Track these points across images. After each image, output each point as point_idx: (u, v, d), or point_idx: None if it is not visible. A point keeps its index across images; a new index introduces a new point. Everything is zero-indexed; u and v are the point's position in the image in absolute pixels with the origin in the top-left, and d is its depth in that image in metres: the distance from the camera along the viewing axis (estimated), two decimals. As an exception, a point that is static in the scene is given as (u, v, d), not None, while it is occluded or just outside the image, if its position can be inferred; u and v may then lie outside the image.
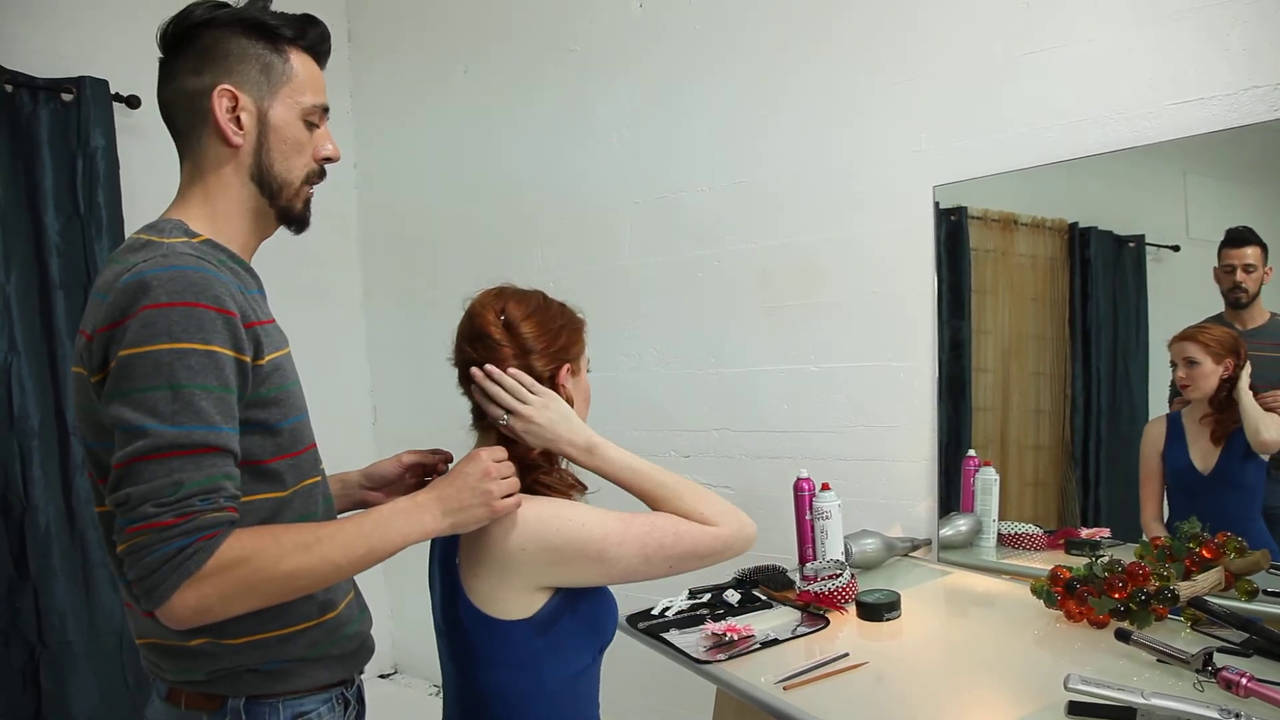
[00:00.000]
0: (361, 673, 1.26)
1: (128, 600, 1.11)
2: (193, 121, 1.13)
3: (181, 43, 1.12)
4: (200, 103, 1.11)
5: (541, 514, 1.13)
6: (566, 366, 1.25)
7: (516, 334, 1.21)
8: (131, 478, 0.93)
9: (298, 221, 1.21)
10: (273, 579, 0.98)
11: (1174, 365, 1.76)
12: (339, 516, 1.18)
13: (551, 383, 1.23)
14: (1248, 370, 1.68)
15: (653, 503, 1.20)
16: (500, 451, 1.14)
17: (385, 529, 1.05)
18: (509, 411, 1.18)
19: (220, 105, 1.10)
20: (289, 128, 1.15)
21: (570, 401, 1.25)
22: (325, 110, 1.20)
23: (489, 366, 1.19)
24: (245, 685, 1.09)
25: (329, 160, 1.21)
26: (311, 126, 1.18)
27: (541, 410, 1.18)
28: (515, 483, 1.12)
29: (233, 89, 1.11)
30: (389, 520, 1.06)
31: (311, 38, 1.18)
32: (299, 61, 1.16)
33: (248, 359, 1.03)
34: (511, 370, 1.19)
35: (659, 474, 1.21)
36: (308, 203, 1.21)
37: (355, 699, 1.23)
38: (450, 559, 1.17)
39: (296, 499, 1.11)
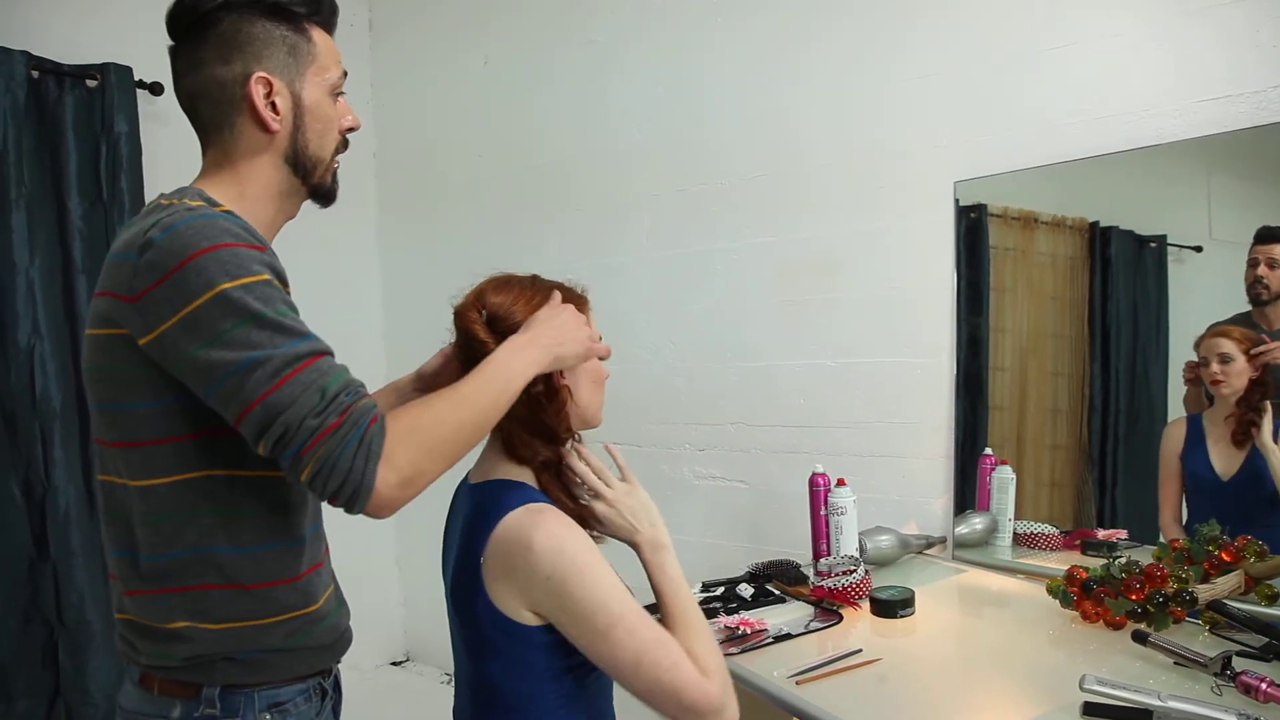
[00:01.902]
0: (338, 662, 1.24)
1: (112, 572, 1.11)
2: (223, 110, 1.11)
3: (198, 30, 1.10)
4: (232, 91, 1.10)
5: (579, 559, 1.09)
6: None
7: (500, 328, 1.19)
8: (273, 408, 0.93)
9: (327, 195, 1.22)
10: (445, 436, 1.02)
11: (1204, 362, 1.73)
12: None
13: (545, 374, 1.19)
14: (1269, 417, 1.66)
15: (670, 623, 1.17)
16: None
17: (507, 370, 1.10)
18: (595, 494, 1.21)
19: (258, 93, 1.10)
20: (320, 106, 1.16)
21: (569, 392, 1.22)
22: (344, 78, 1.20)
23: (580, 449, 1.24)
24: (220, 674, 1.08)
25: (351, 130, 1.21)
26: (335, 100, 1.18)
27: (626, 497, 1.21)
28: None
29: (267, 75, 1.10)
30: (507, 362, 1.11)
31: (324, 11, 1.18)
32: (318, 37, 1.16)
33: (288, 290, 1.04)
34: (596, 453, 1.24)
35: (693, 605, 1.19)
36: (335, 175, 1.22)
37: (332, 688, 1.23)
38: (475, 554, 1.14)
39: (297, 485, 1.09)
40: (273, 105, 1.11)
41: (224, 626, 1.06)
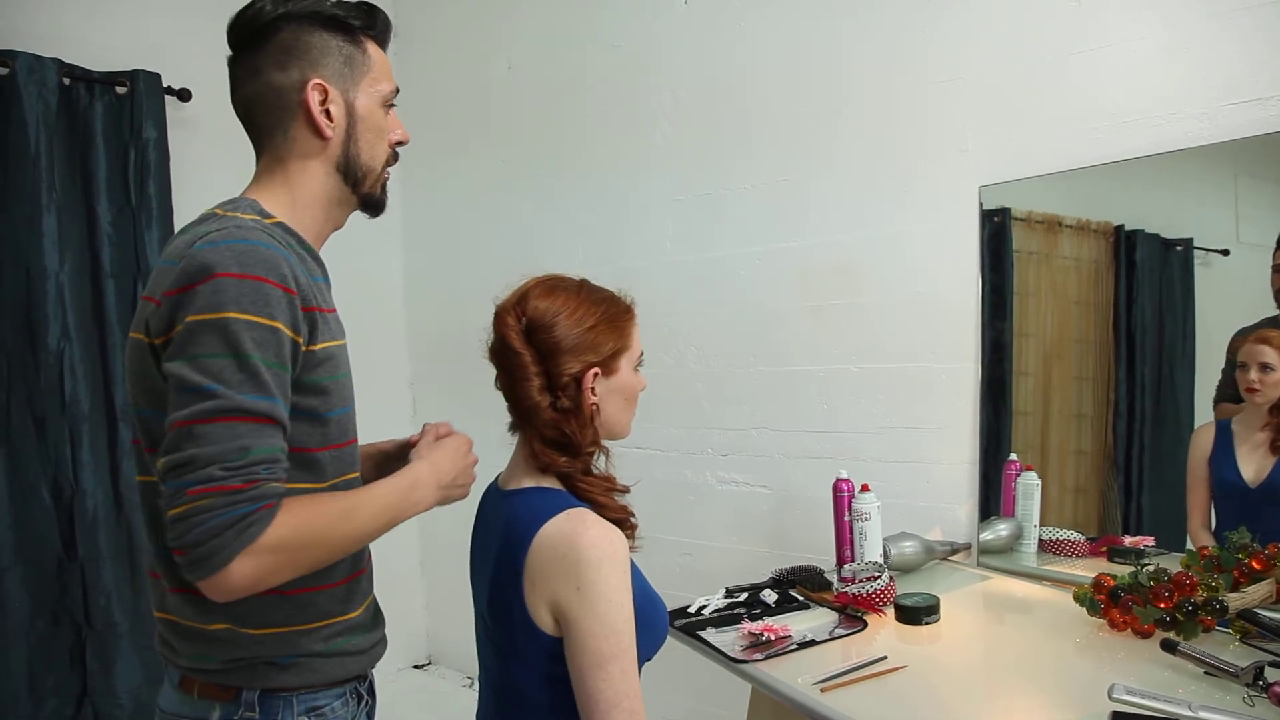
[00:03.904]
0: (373, 668, 1.25)
1: (152, 570, 1.12)
2: (279, 116, 1.14)
3: (258, 39, 1.13)
4: (289, 97, 1.13)
5: (614, 578, 1.08)
6: (594, 370, 1.20)
7: (537, 338, 1.18)
8: (196, 439, 0.93)
9: (377, 205, 1.24)
10: (319, 547, 1.01)
11: (1242, 366, 1.70)
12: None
13: (576, 387, 1.19)
14: None
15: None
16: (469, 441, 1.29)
17: (405, 504, 1.14)
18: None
19: (314, 99, 1.12)
20: (373, 116, 1.18)
21: (597, 409, 1.21)
22: (395, 93, 1.23)
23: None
24: (261, 678, 1.09)
25: (401, 144, 1.24)
26: (387, 112, 1.21)
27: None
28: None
29: (323, 82, 1.13)
30: (407, 494, 1.14)
31: (379, 26, 1.21)
32: (373, 50, 1.19)
33: (301, 341, 1.04)
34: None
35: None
36: (385, 186, 1.24)
37: (367, 692, 1.24)
38: (517, 559, 1.13)
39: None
40: (327, 112, 1.14)
41: (264, 631, 1.08)
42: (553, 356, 1.18)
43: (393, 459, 1.37)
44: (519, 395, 1.20)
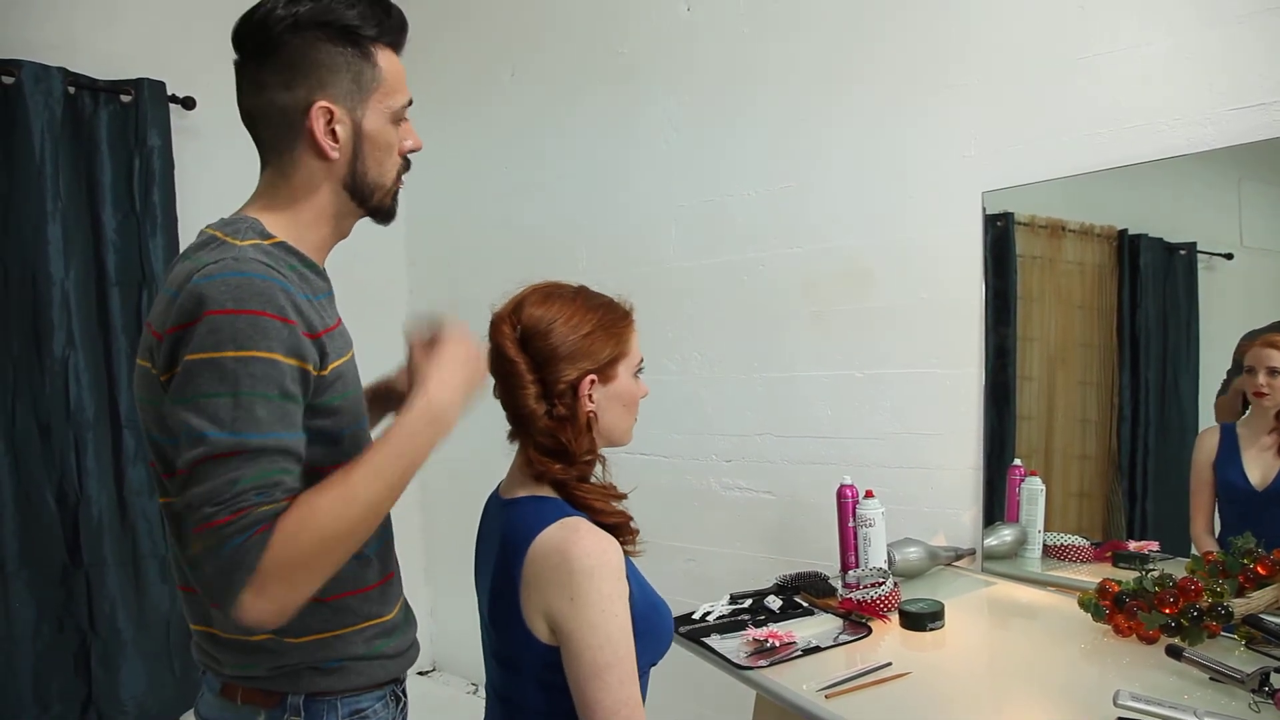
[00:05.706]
0: (407, 671, 1.27)
1: (185, 585, 1.12)
2: (283, 135, 1.10)
3: (265, 50, 1.09)
4: (293, 118, 1.09)
5: (606, 587, 1.08)
6: (591, 377, 1.19)
7: (532, 346, 1.18)
8: (194, 481, 0.93)
9: (387, 215, 1.21)
10: (333, 540, 0.96)
11: (1249, 370, 1.69)
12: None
13: (573, 395, 1.18)
14: None
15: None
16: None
17: (404, 460, 1.03)
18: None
19: (319, 123, 1.08)
20: (381, 133, 1.14)
21: (594, 416, 1.20)
22: (409, 104, 1.19)
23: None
24: (305, 683, 1.09)
25: (413, 151, 1.21)
26: (398, 124, 1.17)
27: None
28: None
29: (329, 104, 1.08)
30: (401, 450, 1.03)
31: (392, 31, 1.15)
32: (385, 61, 1.14)
33: (310, 368, 1.02)
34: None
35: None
36: (396, 196, 1.21)
37: (402, 694, 1.26)
38: (513, 570, 1.13)
39: None
40: (333, 133, 1.10)
41: (306, 639, 1.09)
42: (548, 364, 1.18)
43: (380, 397, 1.36)
44: (515, 403, 1.19)
